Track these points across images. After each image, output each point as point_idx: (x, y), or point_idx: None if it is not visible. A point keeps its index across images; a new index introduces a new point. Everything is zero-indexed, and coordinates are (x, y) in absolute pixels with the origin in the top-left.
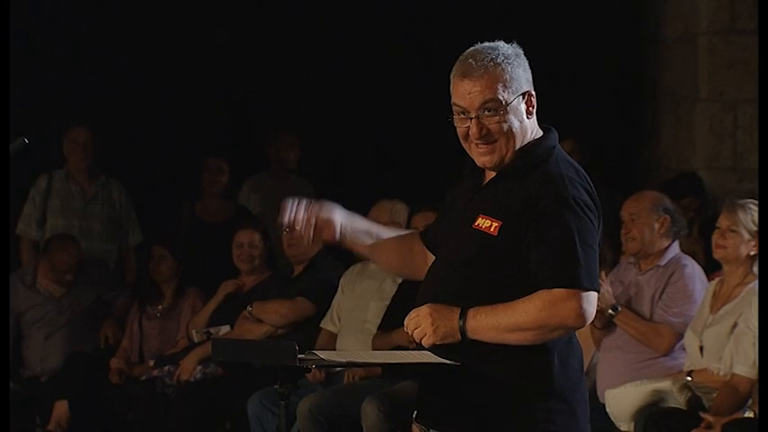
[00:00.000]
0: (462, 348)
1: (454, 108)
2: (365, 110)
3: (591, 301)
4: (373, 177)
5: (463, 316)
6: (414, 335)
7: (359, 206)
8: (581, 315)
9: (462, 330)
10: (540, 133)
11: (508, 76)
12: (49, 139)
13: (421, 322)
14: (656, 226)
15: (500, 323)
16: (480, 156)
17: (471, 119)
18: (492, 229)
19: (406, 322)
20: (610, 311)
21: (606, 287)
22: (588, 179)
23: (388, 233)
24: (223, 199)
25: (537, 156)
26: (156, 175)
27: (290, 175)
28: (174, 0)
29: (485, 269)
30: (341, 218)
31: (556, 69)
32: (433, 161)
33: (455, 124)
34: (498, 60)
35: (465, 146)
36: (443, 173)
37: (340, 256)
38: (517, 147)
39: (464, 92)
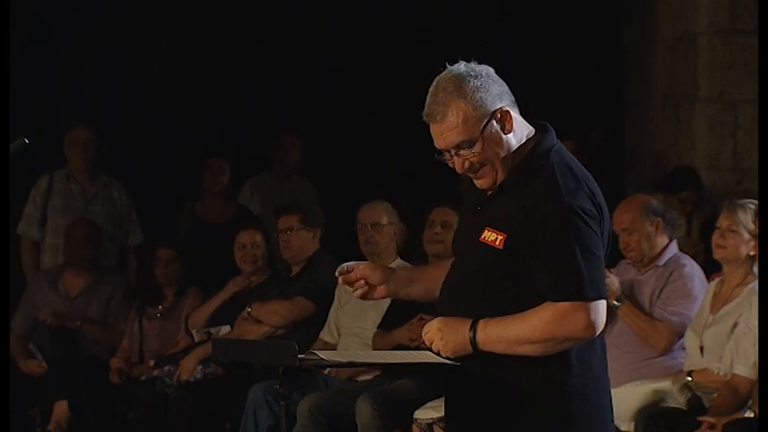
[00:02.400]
0: (480, 352)
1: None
2: (366, 110)
3: (598, 310)
4: (375, 177)
5: (473, 328)
6: (431, 348)
7: (360, 206)
8: (589, 326)
9: (473, 342)
10: (533, 132)
11: (471, 107)
12: (50, 139)
13: (433, 337)
14: (651, 230)
15: (509, 336)
16: (475, 181)
17: (452, 156)
18: (497, 243)
19: (422, 335)
20: (614, 302)
21: (613, 278)
22: (588, 181)
23: (429, 270)
24: (224, 199)
25: (534, 163)
26: (157, 175)
27: (291, 176)
28: (175, 0)
29: (493, 281)
30: (387, 279)
31: (556, 70)
32: (435, 161)
33: (443, 161)
34: (457, 94)
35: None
36: (444, 173)
37: (338, 255)
38: (507, 160)
39: (436, 134)
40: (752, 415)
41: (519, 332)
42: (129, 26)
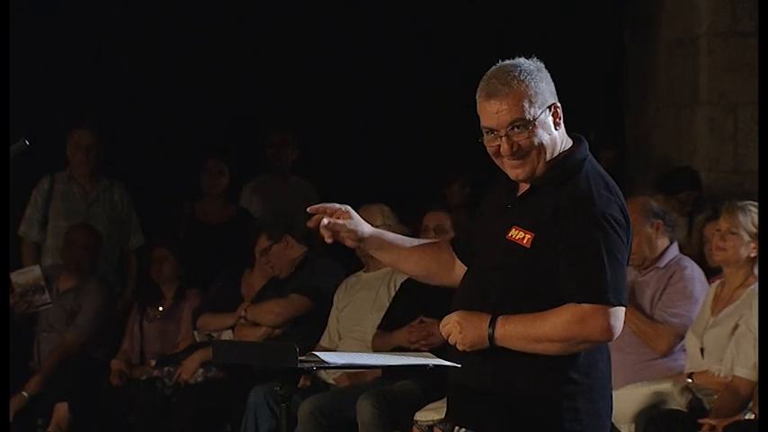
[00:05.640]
0: (491, 350)
1: (483, 129)
2: (367, 110)
3: (618, 315)
4: (377, 179)
5: (492, 324)
6: (449, 340)
7: (361, 206)
8: (608, 330)
9: (491, 338)
10: (570, 143)
11: (532, 92)
12: (52, 141)
13: (451, 330)
14: (651, 232)
15: (528, 334)
16: (513, 169)
17: (501, 137)
18: (525, 241)
19: (440, 327)
20: None
21: None
22: (619, 192)
23: (410, 242)
24: (223, 201)
25: (567, 169)
26: (156, 176)
27: (291, 177)
28: (175, 2)
29: (516, 278)
30: (366, 228)
31: (556, 71)
32: (434, 161)
33: (485, 144)
34: (521, 77)
35: (497, 162)
36: (443, 172)
37: (338, 255)
38: (548, 158)
39: (491, 112)
40: (752, 417)
41: (539, 330)
42: (129, 27)
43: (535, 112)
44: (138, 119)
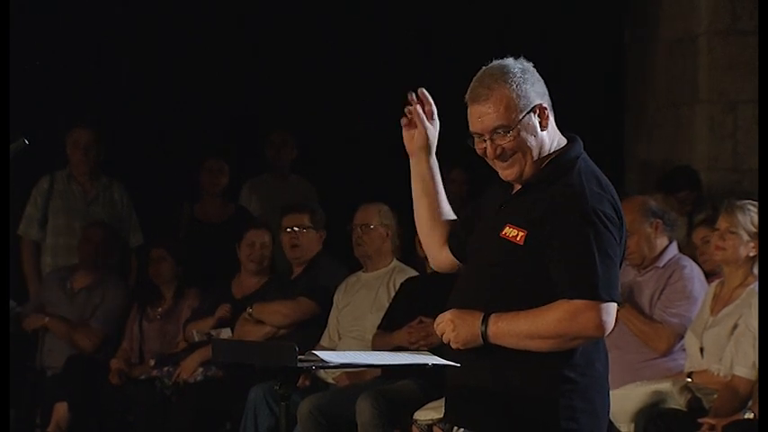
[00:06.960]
0: (487, 347)
1: (471, 132)
2: (367, 110)
3: (610, 312)
4: (375, 178)
5: (485, 322)
6: (443, 339)
7: (360, 206)
8: (600, 326)
9: (484, 335)
10: (564, 142)
11: (515, 95)
12: (52, 140)
13: (444, 328)
14: (650, 232)
15: (521, 330)
16: (502, 170)
17: (486, 141)
18: (518, 239)
19: (434, 326)
20: None
21: None
22: (612, 190)
23: (445, 209)
24: (222, 200)
25: (560, 167)
26: (156, 176)
27: (290, 176)
28: (175, 2)
29: (510, 276)
30: (431, 148)
31: (556, 71)
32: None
33: (474, 147)
34: (504, 80)
35: (489, 162)
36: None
37: (337, 256)
38: (535, 158)
39: (475, 116)
40: (752, 416)
41: (531, 327)
42: (129, 27)
43: (517, 116)
44: (138, 118)
